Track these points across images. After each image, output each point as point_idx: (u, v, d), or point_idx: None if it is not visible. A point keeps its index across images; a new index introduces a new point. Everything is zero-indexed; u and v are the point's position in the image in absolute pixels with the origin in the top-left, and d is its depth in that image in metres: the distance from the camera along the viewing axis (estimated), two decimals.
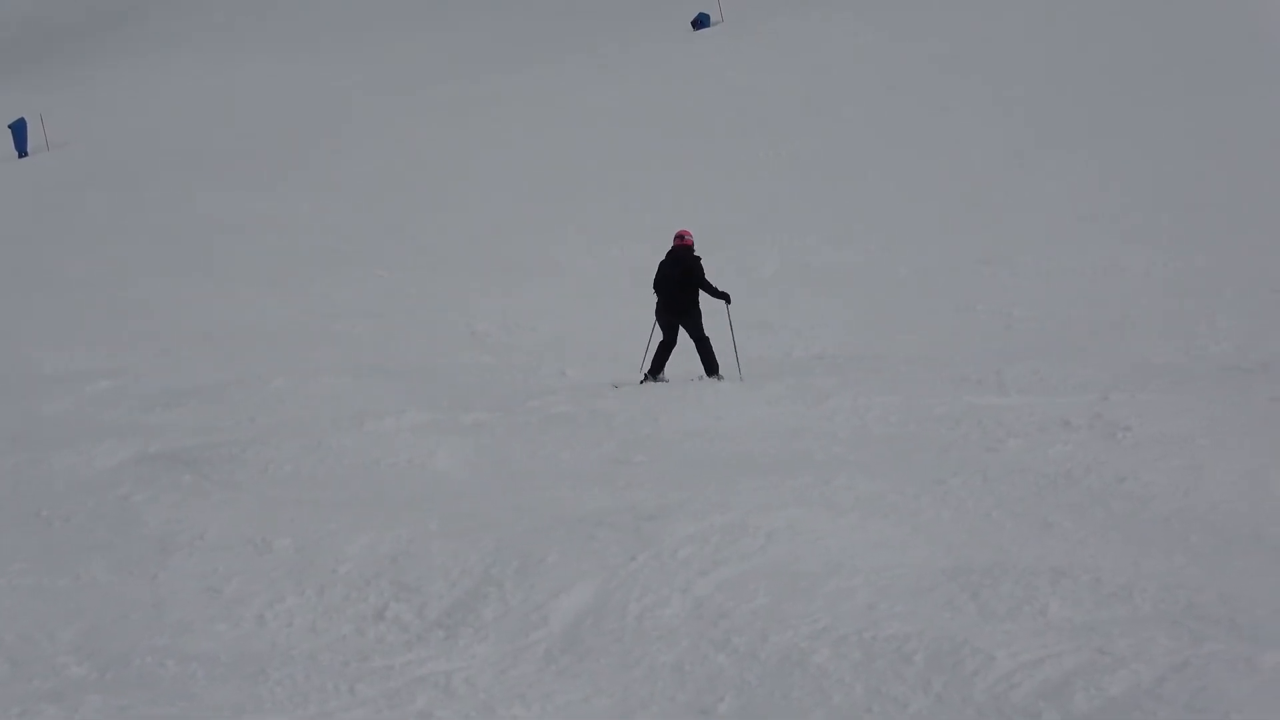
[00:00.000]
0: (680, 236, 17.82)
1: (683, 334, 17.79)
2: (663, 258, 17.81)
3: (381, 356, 20.70)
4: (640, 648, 9.29)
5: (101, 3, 66.44)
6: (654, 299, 17.97)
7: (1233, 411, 13.58)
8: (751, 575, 10.05)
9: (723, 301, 17.74)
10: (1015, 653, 8.44)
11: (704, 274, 17.65)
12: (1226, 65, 30.16)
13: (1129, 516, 10.92)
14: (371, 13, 57.98)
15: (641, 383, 17.45)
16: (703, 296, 17.69)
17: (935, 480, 12.07)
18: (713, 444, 14.08)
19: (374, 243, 29.58)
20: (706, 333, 17.73)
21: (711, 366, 17.66)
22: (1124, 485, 11.54)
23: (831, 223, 26.45)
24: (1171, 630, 8.59)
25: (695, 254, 17.75)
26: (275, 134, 41.73)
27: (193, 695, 9.05)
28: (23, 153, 44.38)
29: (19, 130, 44.60)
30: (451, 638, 9.81)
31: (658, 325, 17.84)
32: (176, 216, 33.99)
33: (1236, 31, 32.05)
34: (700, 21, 44.87)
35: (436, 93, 43.17)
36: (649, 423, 15.08)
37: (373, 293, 25.90)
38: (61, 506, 13.07)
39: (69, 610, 10.58)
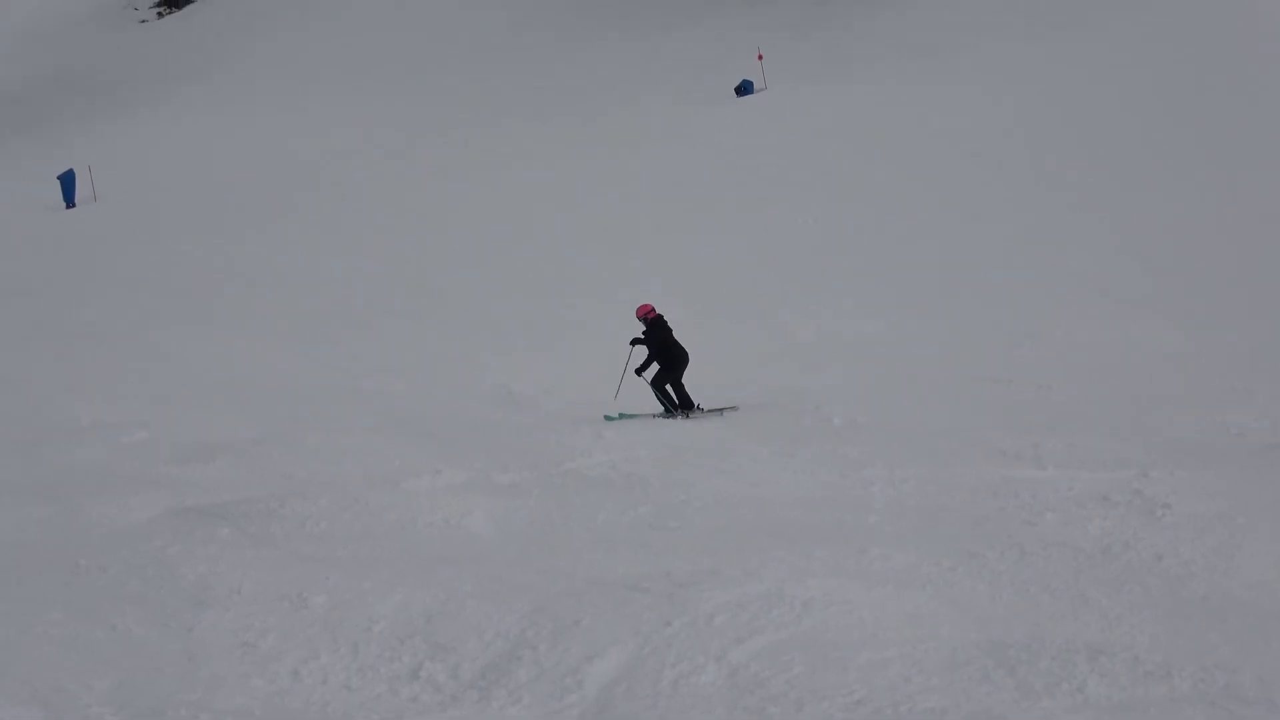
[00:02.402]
0: (651, 308, 20.63)
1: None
2: (667, 329, 20.36)
3: (414, 414, 20.75)
4: (675, 715, 9.26)
5: (150, 60, 67.29)
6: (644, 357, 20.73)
7: (1271, 491, 13.51)
8: (787, 645, 10.02)
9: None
10: None
11: None
12: (1256, 138, 30.15)
13: (1167, 594, 10.86)
14: (398, 65, 58.48)
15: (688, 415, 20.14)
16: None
17: (970, 553, 12.04)
18: (747, 511, 14.07)
19: (398, 299, 29.76)
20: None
21: (688, 403, 20.38)
22: (1162, 563, 11.49)
23: (865, 293, 26.49)
24: (1210, 711, 8.55)
25: None
26: (309, 189, 42.09)
27: None
28: (70, 203, 44.95)
29: (67, 181, 45.23)
30: (485, 699, 9.80)
31: (669, 375, 20.34)
32: (210, 269, 34.26)
33: (1266, 103, 32.07)
34: (744, 88, 45.35)
35: (458, 149, 43.66)
36: (684, 488, 15.10)
37: (400, 349, 26.00)
38: (97, 557, 13.12)
39: (104, 661, 10.61)
